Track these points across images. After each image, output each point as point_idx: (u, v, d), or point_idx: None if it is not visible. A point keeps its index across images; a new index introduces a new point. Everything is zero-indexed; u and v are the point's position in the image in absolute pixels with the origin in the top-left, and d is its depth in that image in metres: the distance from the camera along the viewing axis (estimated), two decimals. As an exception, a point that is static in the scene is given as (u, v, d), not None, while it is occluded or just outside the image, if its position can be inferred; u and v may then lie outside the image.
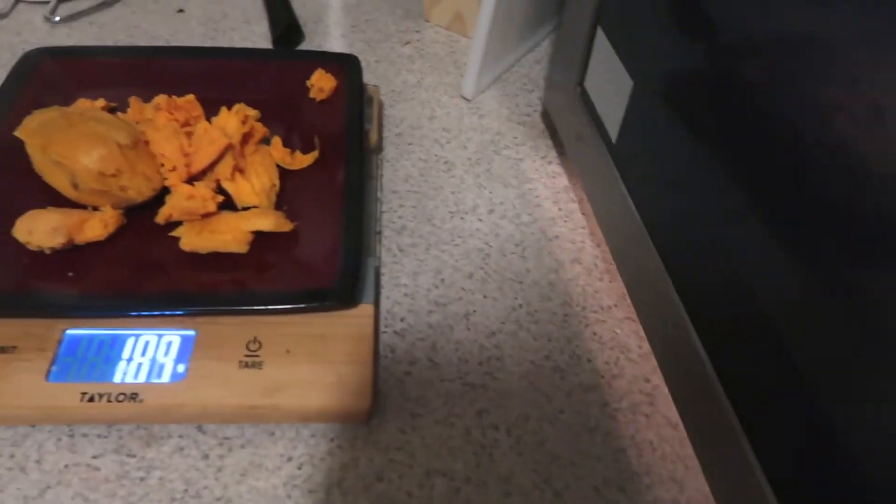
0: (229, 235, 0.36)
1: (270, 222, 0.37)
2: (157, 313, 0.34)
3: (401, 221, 0.44)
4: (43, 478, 0.32)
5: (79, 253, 0.36)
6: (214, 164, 0.38)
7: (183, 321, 0.35)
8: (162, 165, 0.38)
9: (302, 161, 0.41)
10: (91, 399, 0.32)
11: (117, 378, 0.33)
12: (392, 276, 0.41)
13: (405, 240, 0.43)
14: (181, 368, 0.33)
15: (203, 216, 0.37)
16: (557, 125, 0.47)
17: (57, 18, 0.57)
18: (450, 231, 0.43)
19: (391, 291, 0.40)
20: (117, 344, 0.34)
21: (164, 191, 0.38)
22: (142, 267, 0.36)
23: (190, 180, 0.38)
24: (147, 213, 0.38)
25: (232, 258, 0.37)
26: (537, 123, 0.51)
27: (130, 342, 0.34)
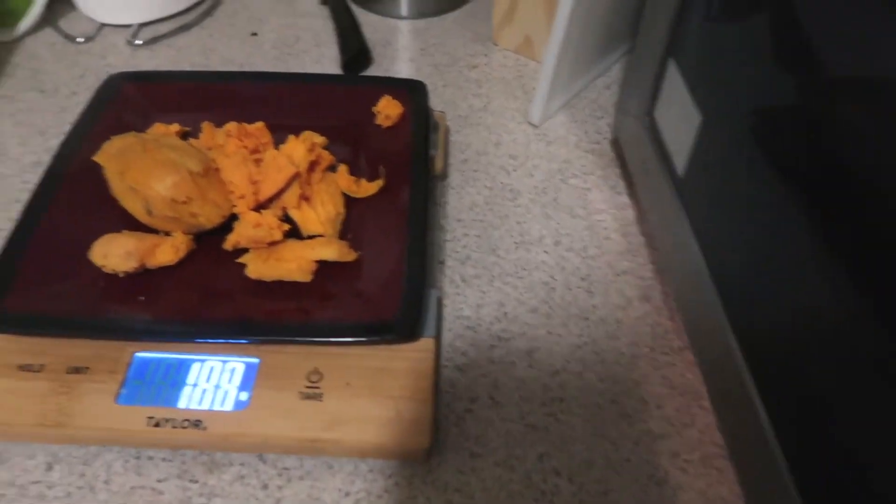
0: (294, 264, 0.36)
1: (335, 252, 0.37)
2: (223, 341, 0.35)
3: (465, 251, 0.43)
4: (111, 498, 0.32)
5: (149, 277, 0.37)
6: (281, 192, 0.39)
7: (247, 348, 0.35)
8: (231, 192, 0.38)
9: (367, 189, 0.41)
10: (157, 424, 0.32)
11: (182, 404, 0.33)
12: (454, 308, 0.40)
13: (468, 270, 0.42)
14: (244, 396, 0.33)
15: (269, 244, 0.37)
16: (627, 155, 0.45)
17: (138, 42, 0.60)
18: (514, 262, 0.42)
19: (453, 323, 0.39)
20: (183, 369, 0.34)
21: (233, 217, 0.39)
22: (209, 293, 0.37)
23: (257, 207, 0.39)
24: (215, 239, 0.38)
25: (295, 287, 0.37)
26: (606, 152, 0.50)
27: (196, 367, 0.34)
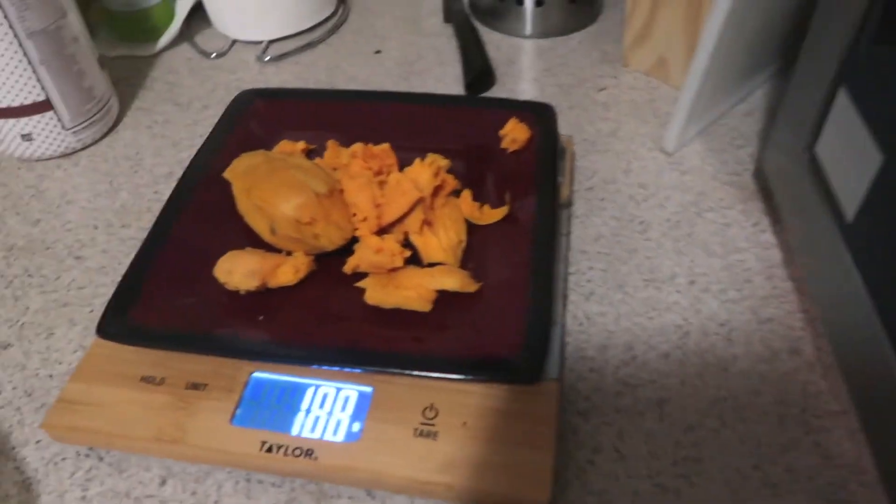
0: (413, 292, 0.35)
1: (457, 282, 0.35)
2: (338, 368, 0.34)
3: (589, 286, 0.40)
4: (219, 520, 0.32)
5: (268, 296, 0.37)
6: (404, 217, 0.38)
7: (360, 376, 0.34)
8: (354, 215, 0.38)
9: (491, 216, 0.40)
10: (269, 450, 0.32)
11: (295, 430, 0.32)
12: (577, 347, 0.37)
13: (593, 307, 0.39)
14: (356, 427, 0.32)
15: (389, 270, 0.36)
16: (775, 190, 0.41)
17: (267, 58, 0.61)
18: (643, 301, 0.39)
19: (575, 364, 0.37)
20: (297, 392, 0.34)
21: (354, 239, 0.38)
22: (326, 317, 0.36)
23: (379, 231, 0.38)
24: (335, 261, 0.38)
25: (414, 316, 0.35)
26: (748, 184, 0.46)
27: (310, 392, 0.34)
